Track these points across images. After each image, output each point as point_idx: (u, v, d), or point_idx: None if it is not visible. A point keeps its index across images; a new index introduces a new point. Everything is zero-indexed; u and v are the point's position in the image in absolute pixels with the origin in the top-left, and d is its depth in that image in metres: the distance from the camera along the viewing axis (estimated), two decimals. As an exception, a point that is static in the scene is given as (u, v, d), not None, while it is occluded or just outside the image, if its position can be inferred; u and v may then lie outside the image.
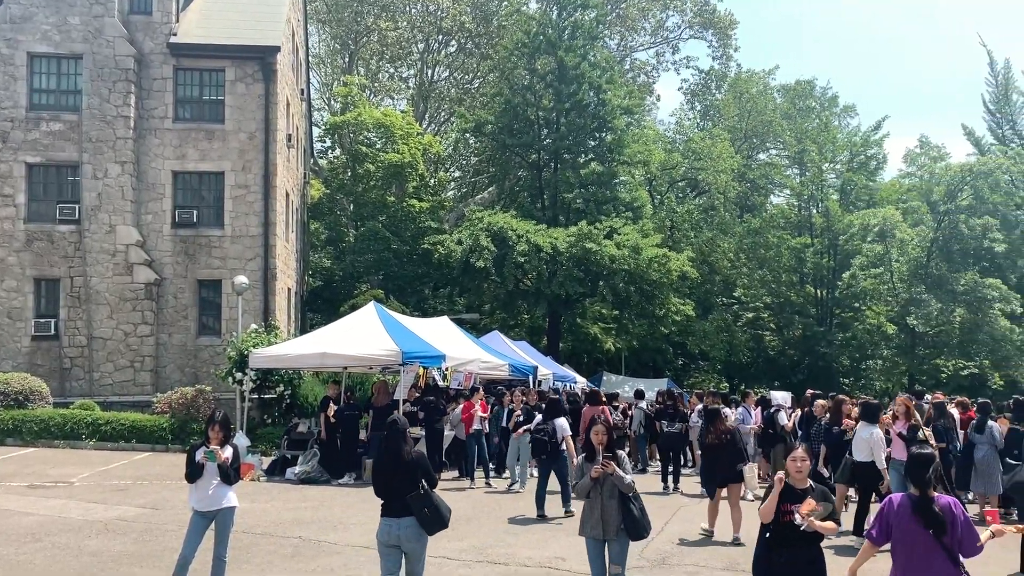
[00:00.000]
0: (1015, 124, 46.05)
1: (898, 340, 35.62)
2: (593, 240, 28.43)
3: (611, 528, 6.58)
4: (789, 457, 5.77)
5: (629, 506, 6.58)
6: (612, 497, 6.59)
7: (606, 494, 6.60)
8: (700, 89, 45.68)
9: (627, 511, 6.57)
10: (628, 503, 6.59)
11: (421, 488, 6.27)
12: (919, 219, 35.95)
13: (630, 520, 6.56)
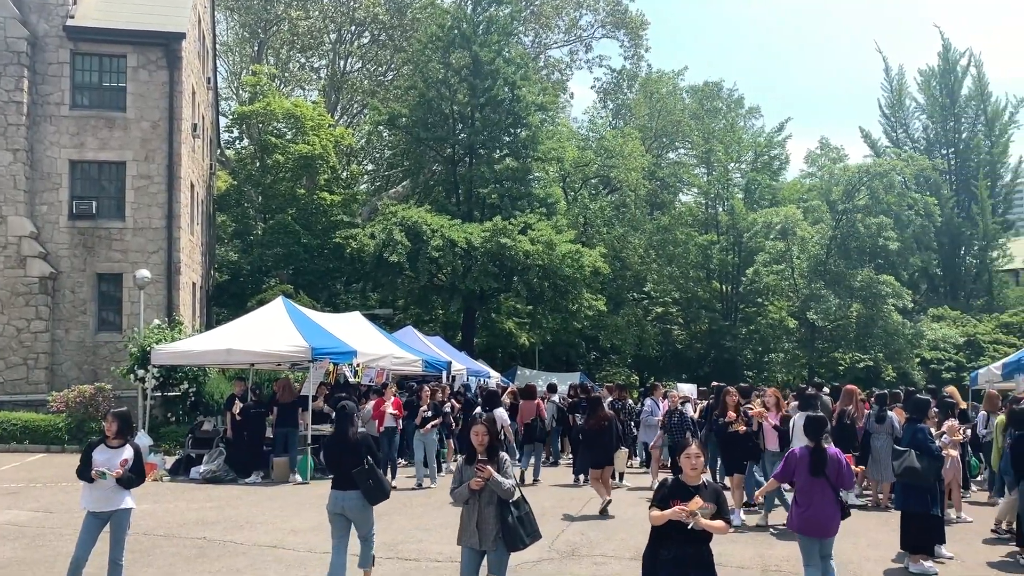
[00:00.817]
0: (908, 128, 48.56)
1: (799, 334, 37.03)
2: (508, 235, 28.55)
3: (488, 537, 5.98)
4: (683, 454, 5.57)
5: (507, 514, 5.98)
6: (490, 504, 5.99)
7: (484, 500, 5.99)
8: (612, 88, 46.38)
9: (504, 519, 5.97)
10: (507, 511, 5.99)
11: (366, 463, 7.23)
12: (819, 218, 37.43)
13: (507, 529, 5.96)
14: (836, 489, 6.85)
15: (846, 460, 7.23)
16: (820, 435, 7.14)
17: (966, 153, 46.15)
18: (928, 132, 47.85)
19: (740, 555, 9.39)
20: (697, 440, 5.75)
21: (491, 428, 6.24)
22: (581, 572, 8.63)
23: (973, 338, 35.27)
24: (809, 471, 6.86)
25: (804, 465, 6.91)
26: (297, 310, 16.65)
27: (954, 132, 46.71)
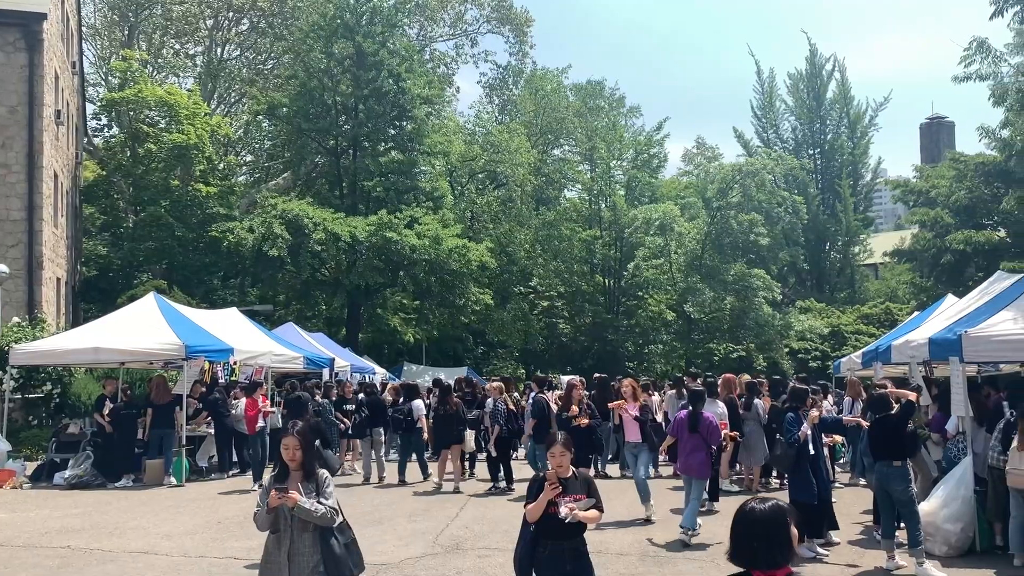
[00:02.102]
0: (778, 129, 50.90)
1: (677, 326, 38.33)
2: (393, 229, 28.29)
3: (303, 571, 5.00)
4: (549, 452, 5.51)
5: (331, 541, 5.09)
6: (307, 530, 5.02)
7: (298, 525, 5.00)
8: (498, 84, 46.63)
9: (328, 547, 5.07)
10: (330, 536, 5.10)
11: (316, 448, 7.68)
12: (695, 214, 38.81)
13: (333, 560, 5.06)
14: (707, 443, 9.51)
15: (715, 422, 9.80)
16: (698, 403, 9.87)
17: (831, 153, 48.78)
18: (796, 133, 50.26)
19: (620, 542, 9.66)
20: (564, 435, 5.76)
21: (305, 441, 5.14)
22: (465, 565, 8.67)
23: (837, 328, 37.36)
24: (688, 428, 9.57)
25: (684, 424, 9.65)
26: (170, 306, 16.01)
27: (820, 133, 49.26)
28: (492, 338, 37.21)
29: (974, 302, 11.92)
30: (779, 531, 3.03)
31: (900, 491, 8.62)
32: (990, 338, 9.26)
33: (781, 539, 3.03)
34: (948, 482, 9.43)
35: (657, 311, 38.67)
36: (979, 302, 11.62)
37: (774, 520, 3.05)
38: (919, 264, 29.34)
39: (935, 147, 57.93)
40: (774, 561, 3.00)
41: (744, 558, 3.07)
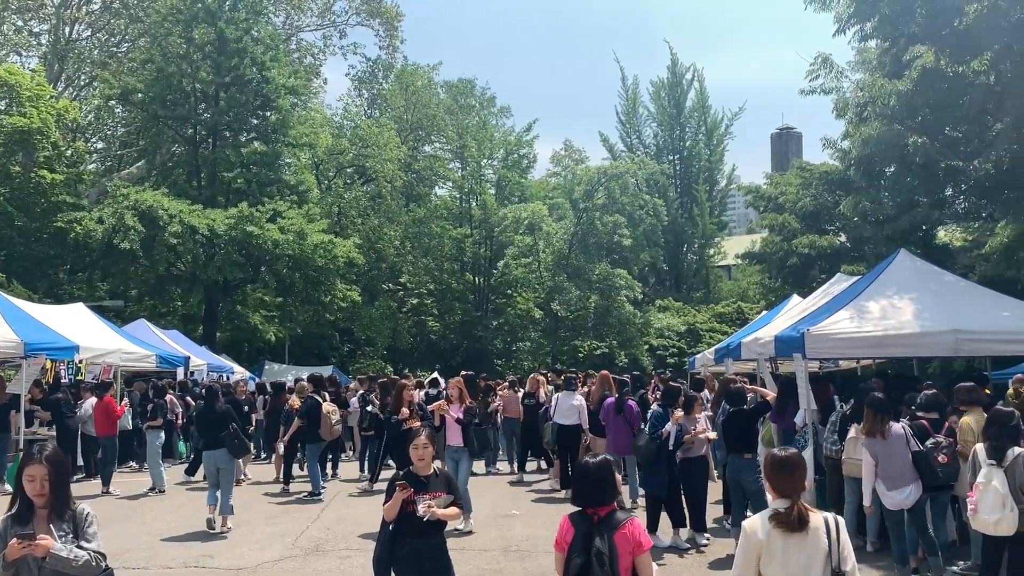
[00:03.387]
0: (641, 134, 52.57)
1: (544, 323, 38.97)
2: (255, 223, 27.34)
3: None
4: (412, 445, 5.48)
5: None
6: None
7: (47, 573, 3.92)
8: (368, 77, 45.93)
9: None
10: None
11: (231, 428, 10.34)
12: (562, 215, 39.55)
13: None
14: (630, 424, 11.12)
15: (636, 408, 11.31)
16: (623, 391, 11.93)
17: (689, 159, 50.81)
18: (658, 139, 52.03)
19: (483, 538, 9.71)
20: (427, 431, 5.74)
21: (56, 470, 4.04)
22: (326, 567, 8.50)
23: (693, 326, 38.97)
24: (615, 412, 11.49)
25: (612, 409, 11.55)
26: (7, 301, 14.82)
27: (680, 140, 51.22)
28: (359, 336, 36.64)
29: (816, 302, 12.70)
30: (605, 478, 4.17)
31: (751, 481, 9.08)
32: (830, 336, 9.89)
33: (607, 484, 4.17)
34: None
35: (525, 309, 39.19)
36: (820, 302, 12.40)
37: (601, 470, 4.19)
38: (768, 266, 30.95)
39: (784, 156, 61.46)
40: (601, 500, 4.14)
41: (581, 499, 4.21)
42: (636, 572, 4.05)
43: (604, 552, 3.96)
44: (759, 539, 3.99)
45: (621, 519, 4.09)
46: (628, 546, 4.02)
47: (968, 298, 10.73)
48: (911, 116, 17.22)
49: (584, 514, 4.13)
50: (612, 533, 4.02)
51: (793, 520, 3.94)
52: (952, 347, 9.79)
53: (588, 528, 4.07)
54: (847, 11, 14.55)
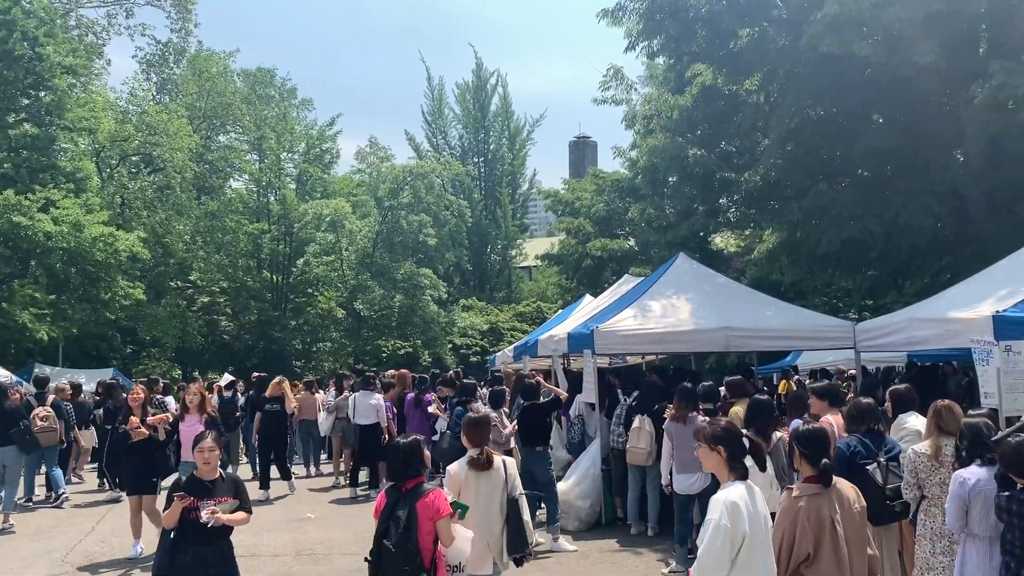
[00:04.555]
0: (447, 135, 53.02)
1: (346, 323, 38.32)
2: (24, 213, 24.87)
3: None
4: (197, 448, 5.34)
5: None
6: None
7: None
8: (157, 61, 43.02)
9: None
10: None
11: (21, 425, 10.77)
12: (367, 212, 39.08)
13: None
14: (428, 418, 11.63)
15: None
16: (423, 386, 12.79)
17: (493, 162, 51.87)
18: (463, 141, 52.70)
19: (275, 542, 9.42)
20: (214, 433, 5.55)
21: None
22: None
23: (495, 325, 39.83)
24: (414, 407, 12.00)
25: (411, 404, 12.09)
26: None
27: (484, 143, 52.15)
28: (144, 336, 34.27)
29: (605, 301, 13.42)
30: (413, 454, 4.86)
31: (542, 473, 9.42)
32: (616, 332, 10.46)
33: (414, 460, 4.85)
34: (581, 463, 10.50)
35: (327, 308, 38.29)
36: (609, 301, 13.11)
37: (410, 447, 4.88)
38: (565, 267, 32.29)
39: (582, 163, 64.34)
40: (408, 474, 4.82)
41: (393, 474, 4.93)
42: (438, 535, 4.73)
43: (402, 518, 4.65)
44: (460, 478, 5.53)
45: (425, 490, 4.77)
46: (428, 512, 4.68)
47: (738, 299, 11.73)
48: (691, 130, 18.57)
49: (396, 487, 4.85)
50: (415, 502, 4.70)
51: (483, 462, 5.58)
52: (723, 343, 10.67)
53: (396, 498, 4.78)
54: (636, 28, 15.44)
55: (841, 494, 4.52)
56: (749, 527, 3.92)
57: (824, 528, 4.36)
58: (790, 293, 20.18)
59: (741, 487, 4.07)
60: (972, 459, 5.38)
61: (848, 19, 12.44)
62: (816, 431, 4.76)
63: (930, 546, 5.92)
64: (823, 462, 4.51)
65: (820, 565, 4.33)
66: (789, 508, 4.45)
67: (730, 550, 3.89)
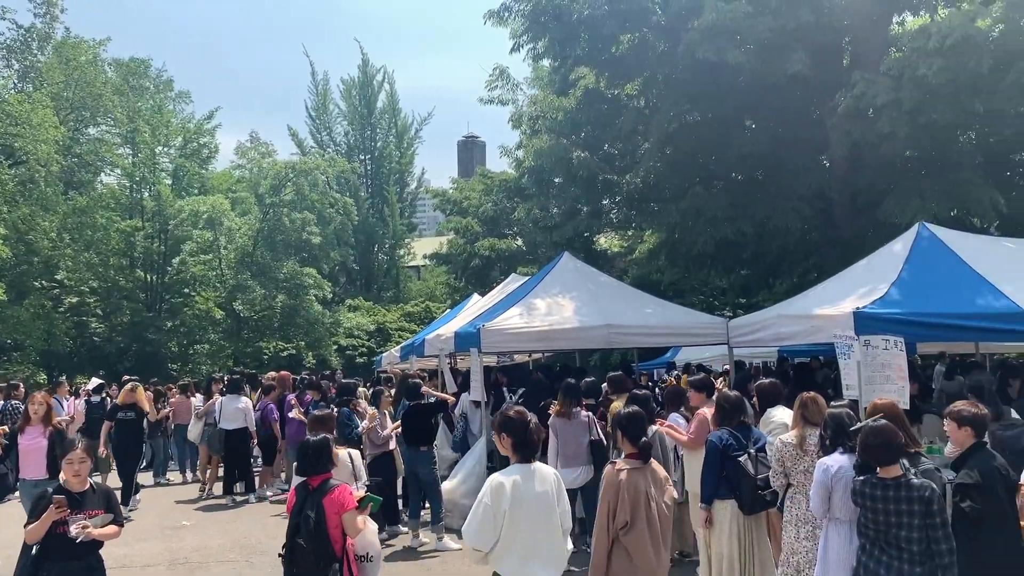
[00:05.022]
0: (332, 132, 52.04)
1: (225, 324, 37.02)
2: None
3: None
4: (66, 459, 5.17)
5: None
6: None
7: None
8: (19, 47, 40.33)
9: None
10: None
11: None
12: (247, 209, 37.91)
13: None
14: None
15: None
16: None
17: (380, 160, 51.26)
18: (349, 137, 51.86)
19: (147, 552, 9.03)
20: (84, 442, 5.32)
21: None
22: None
23: (382, 326, 39.36)
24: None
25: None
26: None
27: (371, 140, 51.48)
28: (5, 339, 32.11)
29: (492, 300, 13.48)
30: (321, 452, 5.23)
31: (426, 473, 9.39)
32: (503, 331, 10.54)
33: (323, 457, 5.23)
34: (467, 461, 10.51)
35: (205, 309, 36.84)
36: (496, 300, 13.18)
37: (319, 446, 5.28)
38: (454, 267, 32.25)
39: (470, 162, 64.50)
40: (316, 471, 5.18)
41: (302, 470, 5.24)
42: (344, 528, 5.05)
43: (311, 514, 4.99)
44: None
45: (332, 486, 5.12)
46: (335, 507, 5.01)
47: (619, 297, 12.03)
48: (576, 131, 18.92)
49: (304, 484, 5.20)
50: (322, 498, 5.03)
51: None
52: (605, 340, 10.91)
53: (305, 495, 5.13)
54: (521, 30, 15.60)
55: (655, 473, 5.14)
56: (510, 505, 4.39)
57: (640, 499, 4.94)
58: (669, 291, 20.82)
59: (518, 470, 4.49)
60: (835, 447, 5.68)
61: (723, 28, 12.96)
62: (634, 414, 5.33)
63: (795, 531, 6.22)
64: (642, 440, 5.11)
65: (635, 532, 4.90)
66: (612, 481, 5.00)
67: (492, 524, 4.38)
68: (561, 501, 4.58)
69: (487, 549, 4.39)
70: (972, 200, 13.40)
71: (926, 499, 4.79)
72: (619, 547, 4.91)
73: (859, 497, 5.15)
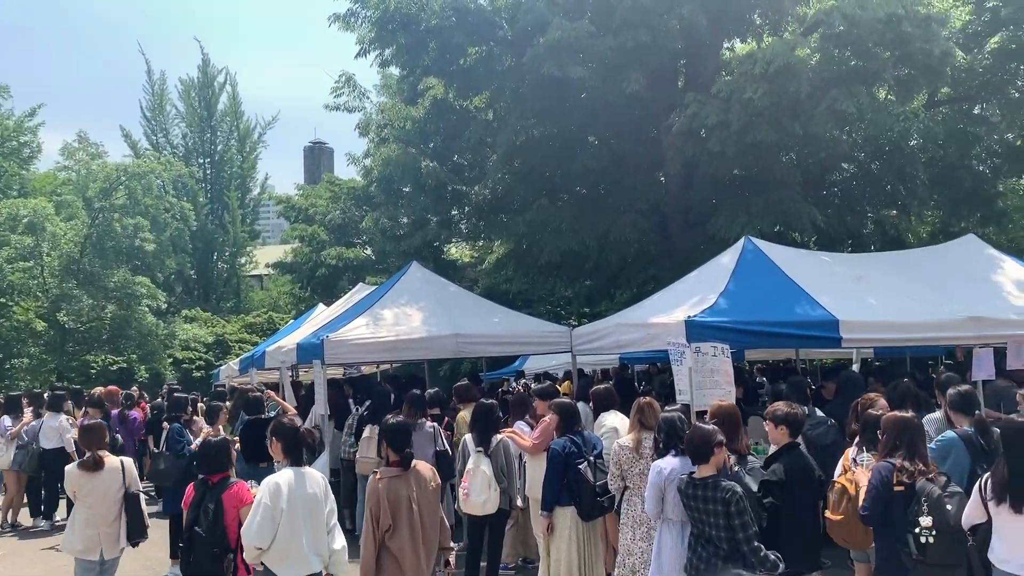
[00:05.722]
0: (168, 134, 49.53)
1: (48, 336, 34.33)
2: None
3: None
4: None
5: None
6: None
7: None
8: None
9: None
10: None
11: None
12: (73, 214, 35.40)
13: None
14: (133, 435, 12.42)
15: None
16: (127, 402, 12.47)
17: (221, 165, 49.20)
18: (187, 140, 49.50)
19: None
20: None
21: None
22: None
23: (222, 337, 37.73)
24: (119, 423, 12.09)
25: (117, 421, 11.92)
26: None
27: (211, 143, 49.33)
28: None
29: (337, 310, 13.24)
30: (221, 452, 5.75)
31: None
32: (347, 341, 10.36)
33: (223, 457, 5.73)
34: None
35: (24, 320, 34.01)
36: (341, 310, 12.95)
37: (219, 446, 5.80)
38: (299, 276, 31.43)
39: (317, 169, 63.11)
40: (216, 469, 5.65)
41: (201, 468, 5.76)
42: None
43: (210, 506, 5.42)
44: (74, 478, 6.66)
45: (231, 483, 5.59)
46: (233, 502, 5.44)
47: (467, 307, 12.12)
48: (424, 141, 18.92)
49: (204, 480, 5.62)
50: (221, 493, 5.45)
51: (92, 464, 6.67)
52: (453, 349, 10.95)
53: (204, 490, 5.57)
54: (369, 35, 15.44)
55: (419, 475, 5.56)
56: (287, 504, 4.98)
57: (401, 505, 5.37)
58: (518, 301, 21.14)
59: (290, 472, 5.17)
60: (668, 450, 5.95)
61: (567, 45, 13.34)
62: (400, 424, 5.69)
63: (631, 533, 6.46)
64: (405, 450, 5.51)
65: (399, 535, 5.34)
66: (373, 490, 5.42)
67: (271, 522, 4.94)
68: (328, 502, 5.22)
69: (266, 546, 4.92)
70: (793, 216, 14.42)
71: (726, 500, 5.13)
72: (386, 551, 5.36)
73: (684, 496, 5.43)
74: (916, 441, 5.36)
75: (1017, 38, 15.48)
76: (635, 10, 13.32)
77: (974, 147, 17.47)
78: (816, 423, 7.49)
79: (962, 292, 9.23)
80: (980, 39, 16.15)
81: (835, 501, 6.03)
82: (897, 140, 15.14)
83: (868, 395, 7.06)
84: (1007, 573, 4.74)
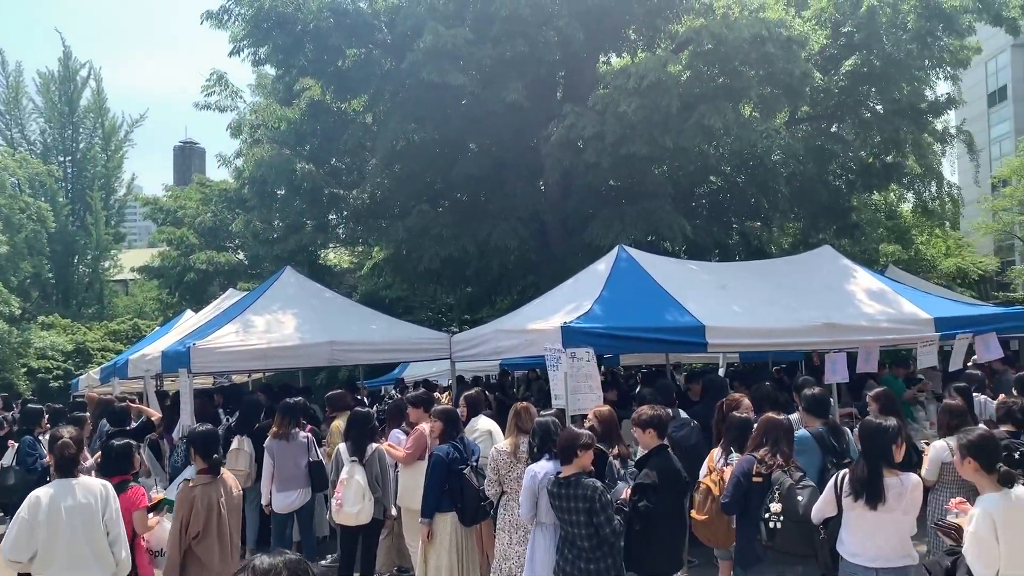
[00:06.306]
0: (25, 129, 46.48)
1: None
2: None
3: None
4: None
5: None
6: None
7: None
8: None
9: None
10: None
11: None
12: (-87, 213, 32.69)
13: None
14: None
15: None
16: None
17: (83, 163, 46.53)
18: (46, 136, 46.61)
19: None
20: None
21: None
22: None
23: (83, 345, 35.61)
24: None
25: None
26: None
27: (72, 141, 46.59)
28: None
29: (206, 316, 12.72)
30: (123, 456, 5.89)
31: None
32: (216, 349, 9.96)
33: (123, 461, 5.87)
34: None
35: None
36: (210, 316, 12.46)
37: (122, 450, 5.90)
38: (167, 281, 30.02)
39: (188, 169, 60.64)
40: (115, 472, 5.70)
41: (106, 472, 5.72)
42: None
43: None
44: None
45: (129, 486, 5.70)
46: (128, 504, 5.51)
47: (343, 313, 11.89)
48: (300, 143, 18.47)
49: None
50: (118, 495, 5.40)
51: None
52: (328, 357, 10.71)
53: None
54: (242, 34, 14.96)
55: (226, 483, 5.82)
56: (47, 516, 4.96)
57: (212, 511, 5.60)
58: (398, 308, 20.92)
59: (56, 484, 5.17)
60: (542, 454, 6.01)
61: (445, 51, 13.32)
62: (208, 432, 6.00)
63: (507, 537, 6.49)
64: (214, 456, 5.78)
65: (207, 540, 5.55)
66: (187, 497, 5.61)
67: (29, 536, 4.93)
68: (108, 511, 5.19)
69: (25, 559, 4.87)
70: (664, 226, 14.90)
71: (588, 496, 5.26)
72: (192, 555, 5.56)
73: (551, 497, 5.51)
74: (781, 440, 5.63)
75: (869, 62, 16.57)
76: (513, 20, 13.45)
77: (831, 163, 18.55)
78: (680, 424, 7.74)
79: (818, 300, 9.79)
80: (836, 61, 17.21)
81: (700, 501, 6.26)
82: (761, 155, 15.89)
83: (732, 396, 7.37)
84: (857, 565, 5.00)
